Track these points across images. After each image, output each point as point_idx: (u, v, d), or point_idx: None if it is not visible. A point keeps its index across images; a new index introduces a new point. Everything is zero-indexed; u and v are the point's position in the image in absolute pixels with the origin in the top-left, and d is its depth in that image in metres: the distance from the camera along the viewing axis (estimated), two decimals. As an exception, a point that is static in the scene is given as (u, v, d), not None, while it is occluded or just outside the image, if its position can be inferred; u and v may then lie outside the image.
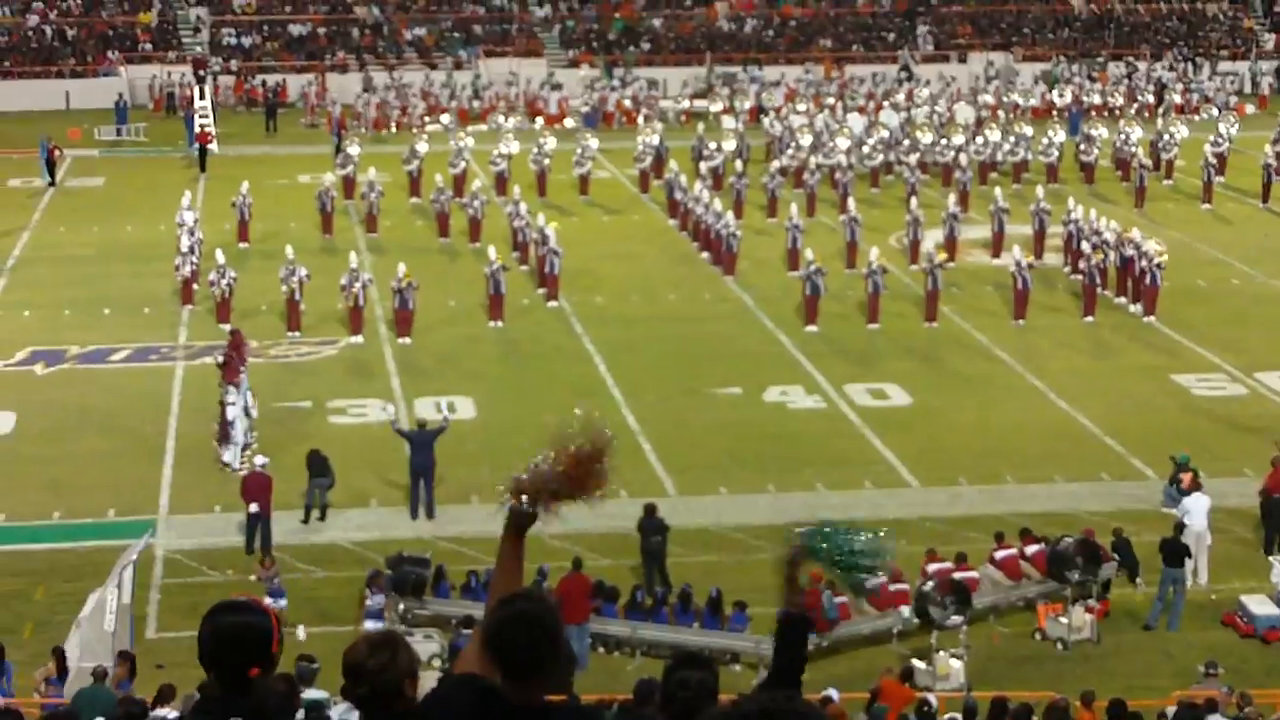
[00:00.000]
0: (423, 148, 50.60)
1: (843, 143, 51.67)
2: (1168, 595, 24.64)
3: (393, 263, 38.43)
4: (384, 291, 38.11)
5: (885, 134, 53.89)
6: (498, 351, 36.88)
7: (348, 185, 48.86)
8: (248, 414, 30.41)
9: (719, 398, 33.70)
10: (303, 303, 37.17)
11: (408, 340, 36.72)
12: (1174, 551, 24.71)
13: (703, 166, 50.86)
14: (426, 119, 60.95)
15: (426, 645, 22.63)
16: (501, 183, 49.09)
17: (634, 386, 34.10)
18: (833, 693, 19.35)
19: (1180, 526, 25.23)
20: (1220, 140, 52.08)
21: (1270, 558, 25.34)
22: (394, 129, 60.86)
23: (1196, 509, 25.64)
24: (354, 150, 50.55)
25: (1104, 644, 23.98)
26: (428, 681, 5.80)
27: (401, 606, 23.96)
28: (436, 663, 22.13)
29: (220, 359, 31.10)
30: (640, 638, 23.78)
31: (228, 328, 34.81)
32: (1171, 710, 18.34)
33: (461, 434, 30.03)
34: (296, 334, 36.61)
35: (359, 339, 36.74)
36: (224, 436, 29.85)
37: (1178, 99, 64.54)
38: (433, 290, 38.45)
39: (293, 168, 54.57)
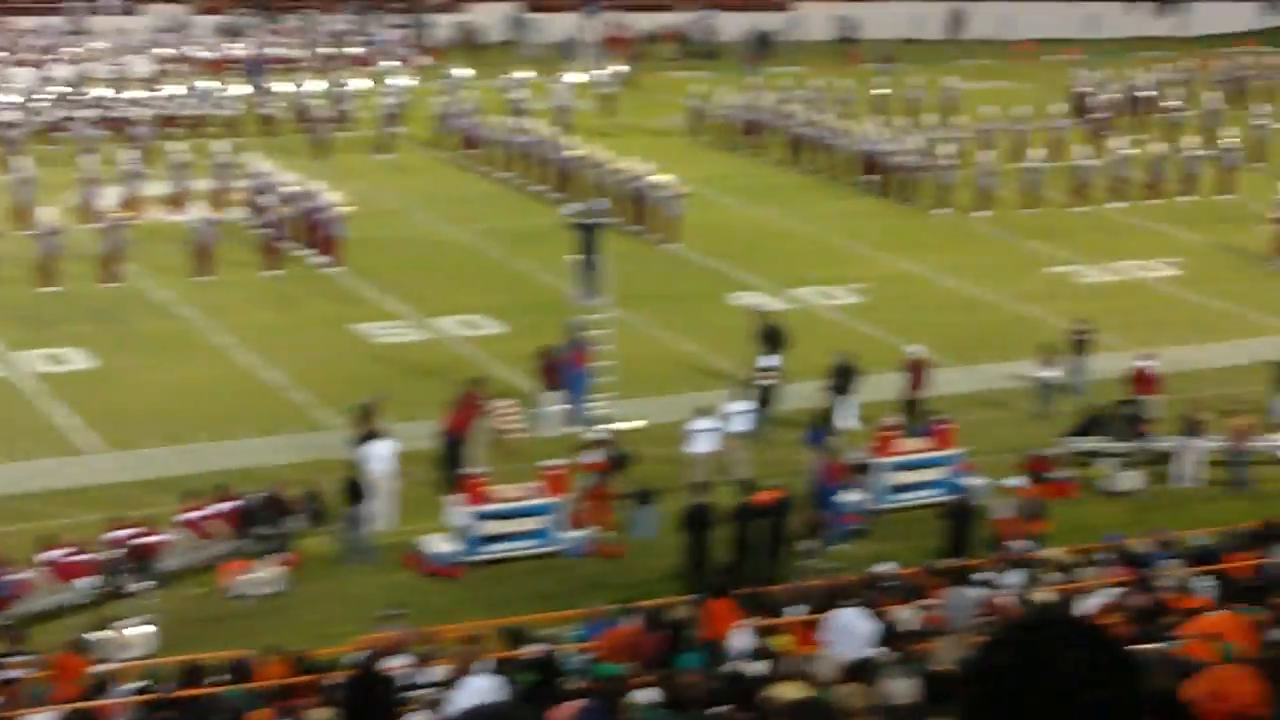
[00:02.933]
0: None
1: (12, 97, 49.33)
2: (354, 535, 25.16)
3: None
4: None
5: (60, 88, 51.90)
6: None
7: None
8: None
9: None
10: None
11: None
12: (353, 491, 25.22)
13: None
14: None
15: None
16: None
17: None
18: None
19: (363, 466, 25.74)
20: (397, 91, 53.48)
21: (450, 497, 26.21)
22: None
23: (378, 454, 26.21)
24: None
25: (293, 596, 24.16)
26: None
27: None
28: None
29: None
30: None
31: None
32: (356, 656, 18.65)
33: None
34: None
35: None
36: None
37: (355, 51, 65.72)
38: None
39: None
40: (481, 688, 15.94)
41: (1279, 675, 10.58)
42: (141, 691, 18.44)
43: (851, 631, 17.59)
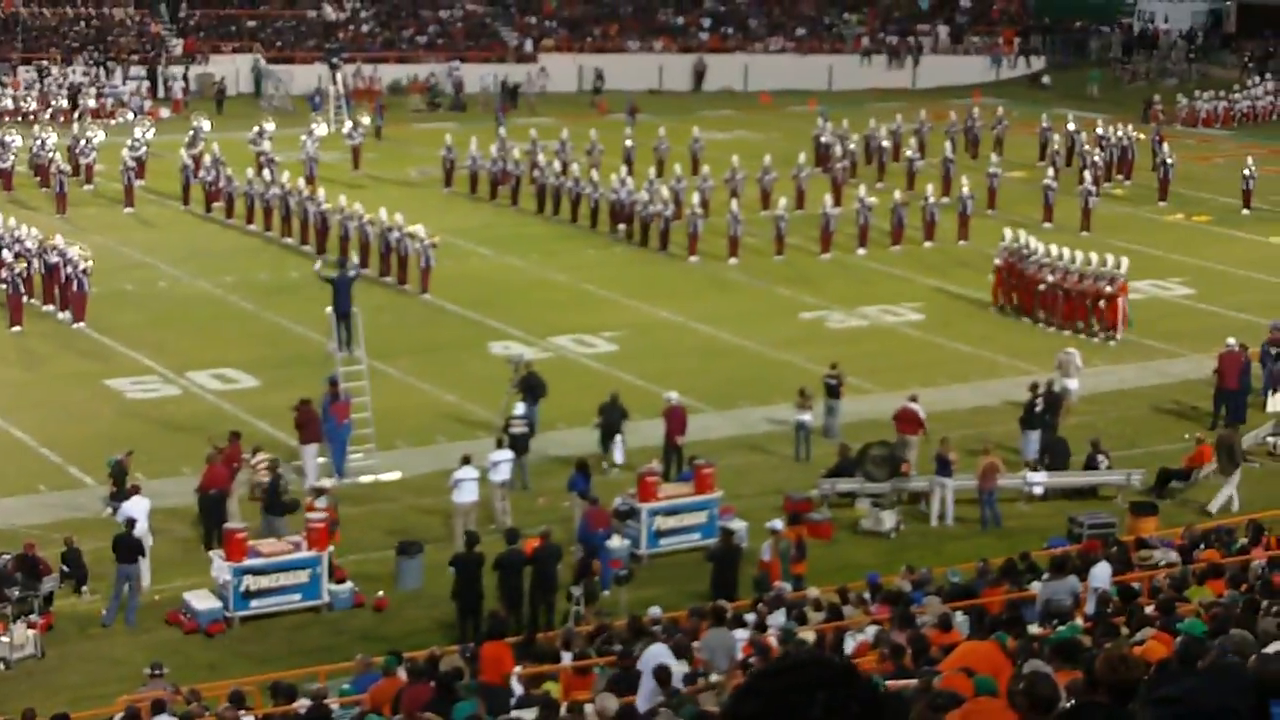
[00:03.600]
0: None
1: None
2: (123, 593, 24.55)
3: None
4: None
5: None
6: None
7: None
8: None
9: None
10: None
11: None
12: (127, 548, 24.60)
13: None
14: None
15: None
16: None
17: None
18: None
19: (132, 523, 25.05)
20: (138, 144, 52.42)
21: (210, 553, 25.69)
22: None
23: (137, 511, 25.59)
24: None
25: (49, 658, 23.47)
26: None
27: None
28: None
29: None
30: None
31: None
32: (119, 716, 18.22)
33: None
34: None
35: None
36: None
37: (92, 103, 64.34)
38: None
39: None
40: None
41: (1034, 706, 11.02)
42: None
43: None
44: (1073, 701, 11.16)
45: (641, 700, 16.52)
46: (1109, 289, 38.77)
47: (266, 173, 48.96)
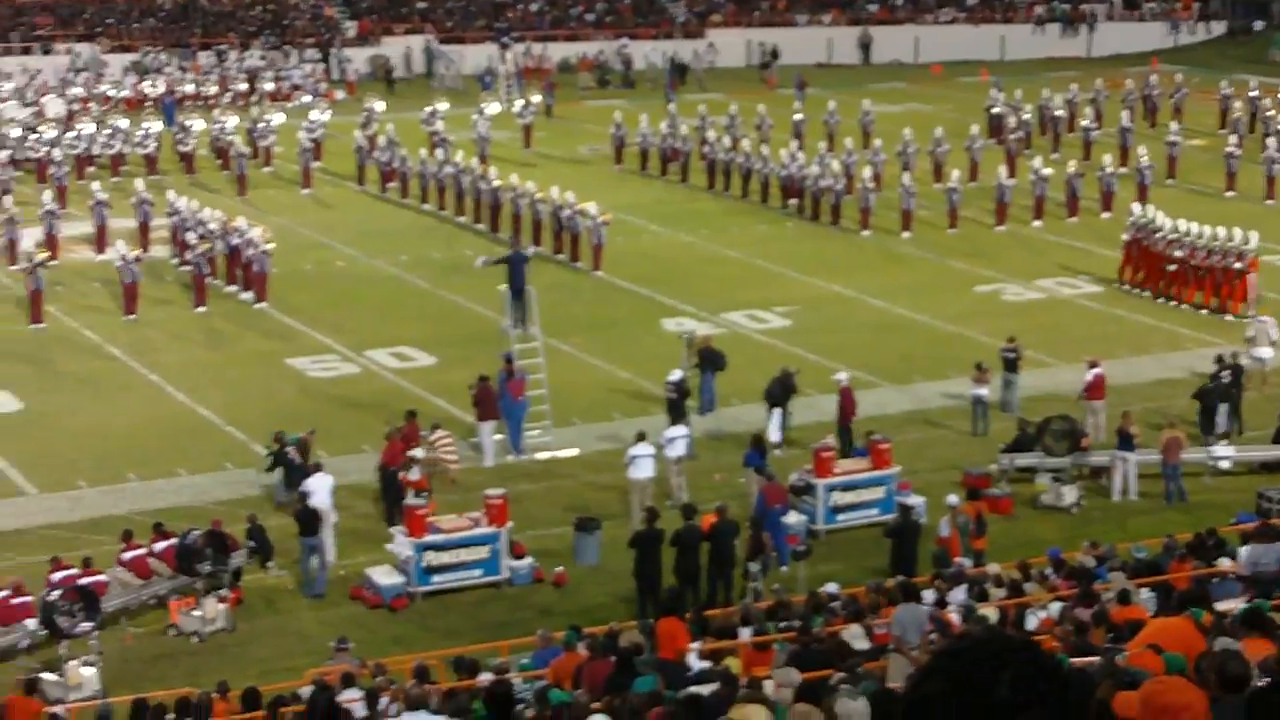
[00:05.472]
0: None
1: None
2: (311, 565, 25.03)
3: None
4: None
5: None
6: None
7: None
8: None
9: None
10: None
11: None
12: (305, 520, 25.07)
13: None
14: None
15: None
16: None
17: None
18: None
19: (306, 495, 25.52)
20: (314, 126, 53.24)
21: (392, 529, 26.08)
22: None
23: (319, 488, 26.02)
24: None
25: (239, 632, 23.97)
26: None
27: None
28: None
29: None
30: None
31: None
32: (307, 690, 18.56)
33: None
34: None
35: None
36: None
37: (270, 86, 65.47)
38: None
39: None
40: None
41: (1224, 684, 10.77)
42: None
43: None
44: (1266, 680, 10.89)
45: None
46: (1238, 265, 37.63)
47: (440, 152, 49.44)
